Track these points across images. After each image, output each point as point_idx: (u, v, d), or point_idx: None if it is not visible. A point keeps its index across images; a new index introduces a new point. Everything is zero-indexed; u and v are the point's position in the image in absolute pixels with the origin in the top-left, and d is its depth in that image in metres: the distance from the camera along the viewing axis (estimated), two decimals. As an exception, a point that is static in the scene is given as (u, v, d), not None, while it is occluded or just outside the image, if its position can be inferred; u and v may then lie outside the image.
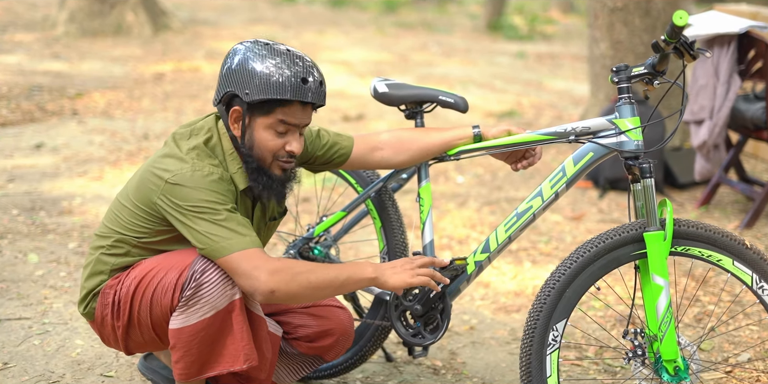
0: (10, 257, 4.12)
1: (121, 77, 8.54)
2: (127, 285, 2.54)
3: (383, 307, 3.06)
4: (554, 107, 8.27)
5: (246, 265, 2.40)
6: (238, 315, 2.50)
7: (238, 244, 2.42)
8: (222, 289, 2.46)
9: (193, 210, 2.41)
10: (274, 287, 2.40)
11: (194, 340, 2.49)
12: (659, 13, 5.74)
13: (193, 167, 2.44)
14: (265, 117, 2.48)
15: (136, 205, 2.51)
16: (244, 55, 2.48)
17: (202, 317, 2.46)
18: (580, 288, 2.58)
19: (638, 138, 2.61)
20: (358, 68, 9.66)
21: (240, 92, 2.46)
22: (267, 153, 2.52)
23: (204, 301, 2.45)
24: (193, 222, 2.42)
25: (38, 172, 5.44)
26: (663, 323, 2.51)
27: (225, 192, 2.46)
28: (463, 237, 4.69)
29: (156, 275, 2.50)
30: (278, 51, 2.49)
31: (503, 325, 3.71)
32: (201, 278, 2.44)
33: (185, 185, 2.41)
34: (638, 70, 2.62)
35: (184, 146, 2.50)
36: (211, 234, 2.41)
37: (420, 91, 2.96)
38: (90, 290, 2.62)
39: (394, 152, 2.85)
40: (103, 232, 2.62)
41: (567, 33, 14.96)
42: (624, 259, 2.60)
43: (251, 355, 2.53)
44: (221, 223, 2.42)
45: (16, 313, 3.55)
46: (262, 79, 2.44)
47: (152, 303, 2.51)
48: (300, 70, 2.46)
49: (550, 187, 2.72)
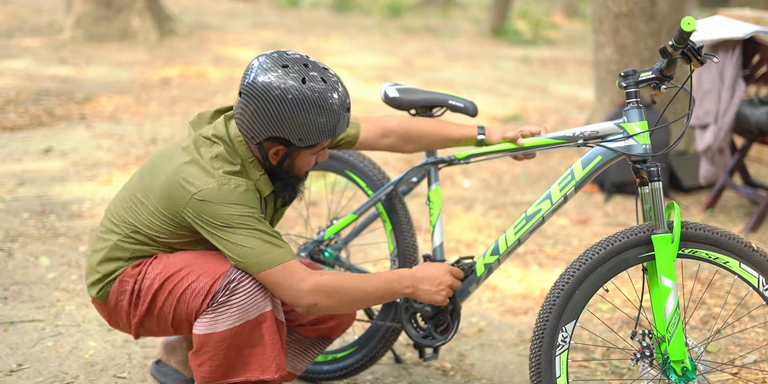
0: (21, 260, 4.15)
1: (127, 82, 8.58)
2: (150, 278, 2.56)
3: (393, 308, 3.09)
4: (559, 112, 8.30)
5: (289, 279, 2.46)
6: (270, 326, 2.53)
7: (277, 257, 2.45)
8: (254, 300, 2.49)
9: (226, 225, 2.43)
10: (317, 301, 2.48)
11: (221, 346, 2.52)
12: (664, 18, 5.77)
13: (219, 182, 2.43)
14: (311, 149, 2.53)
15: (159, 210, 2.52)
16: (282, 96, 2.39)
17: (231, 326, 2.49)
18: (588, 290, 2.61)
19: (646, 142, 2.64)
20: (363, 73, 9.70)
21: (292, 139, 2.44)
22: (303, 172, 2.61)
23: (234, 310, 2.48)
24: (227, 236, 2.44)
25: (48, 177, 5.47)
26: (671, 324, 2.53)
27: (254, 203, 2.48)
28: (470, 240, 4.73)
29: (186, 277, 2.51)
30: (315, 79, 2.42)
31: (511, 327, 3.74)
32: (235, 287, 2.47)
33: (213, 202, 2.42)
34: (646, 75, 2.64)
35: (207, 154, 2.49)
36: (248, 248, 2.43)
37: (430, 95, 3.00)
38: (106, 274, 2.63)
39: (400, 141, 2.90)
40: (118, 221, 2.62)
41: (571, 37, 15.00)
42: (632, 262, 2.62)
43: (282, 365, 2.57)
44: (256, 237, 2.44)
45: (29, 316, 3.58)
46: (317, 127, 2.43)
47: (179, 302, 2.53)
48: (341, 102, 2.47)
49: (559, 191, 2.76)
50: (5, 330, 3.45)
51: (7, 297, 3.75)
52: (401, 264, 3.11)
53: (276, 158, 2.53)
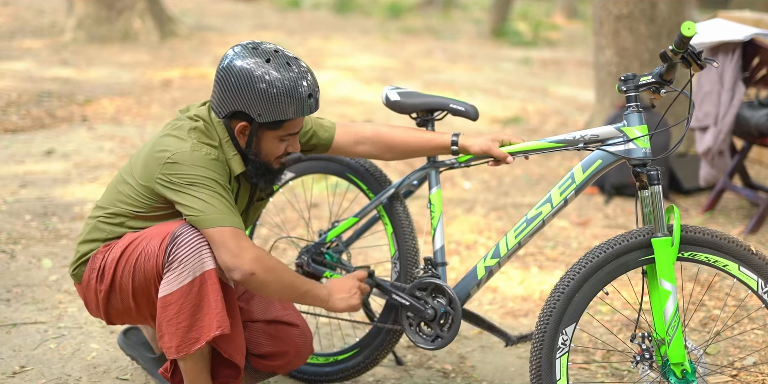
0: (24, 262, 4.17)
1: (129, 83, 8.60)
2: (114, 250, 2.65)
3: (394, 311, 3.11)
4: (559, 113, 8.32)
5: (234, 242, 2.52)
6: (214, 284, 2.56)
7: (229, 220, 2.53)
8: (199, 254, 2.53)
9: (189, 183, 2.53)
10: (256, 271, 2.53)
11: (173, 310, 2.55)
12: (664, 21, 5.79)
13: (192, 147, 2.56)
14: (274, 131, 2.63)
15: (138, 183, 2.62)
16: (247, 71, 2.54)
17: (181, 284, 2.53)
18: (589, 293, 2.62)
19: (646, 146, 2.65)
20: (364, 74, 9.71)
21: (251, 113, 2.57)
22: (272, 157, 2.69)
23: (183, 267, 2.52)
24: (189, 191, 2.53)
25: (49, 178, 5.49)
26: (671, 327, 2.55)
27: (221, 172, 2.59)
28: (470, 242, 4.74)
29: (140, 243, 2.60)
30: (283, 66, 2.56)
31: (511, 329, 3.75)
32: (180, 241, 2.53)
33: (183, 163, 2.53)
34: (646, 80, 2.66)
35: (186, 127, 2.62)
36: (205, 203, 2.52)
37: (431, 99, 3.01)
38: (83, 254, 2.73)
39: (375, 148, 2.97)
40: (103, 203, 2.74)
41: (571, 39, 15.00)
42: (632, 265, 2.63)
43: (224, 323, 2.58)
44: (216, 197, 2.53)
45: (31, 318, 3.60)
46: (272, 101, 2.55)
47: (135, 269, 2.60)
48: (306, 87, 2.58)
49: (559, 194, 2.77)
50: (8, 332, 3.46)
51: (9, 299, 3.76)
52: (402, 266, 3.12)
53: (243, 138, 2.64)
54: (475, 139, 2.88)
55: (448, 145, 2.90)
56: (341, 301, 2.79)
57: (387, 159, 3.04)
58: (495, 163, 2.89)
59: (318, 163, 3.28)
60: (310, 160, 3.28)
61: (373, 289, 3.02)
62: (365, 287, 2.88)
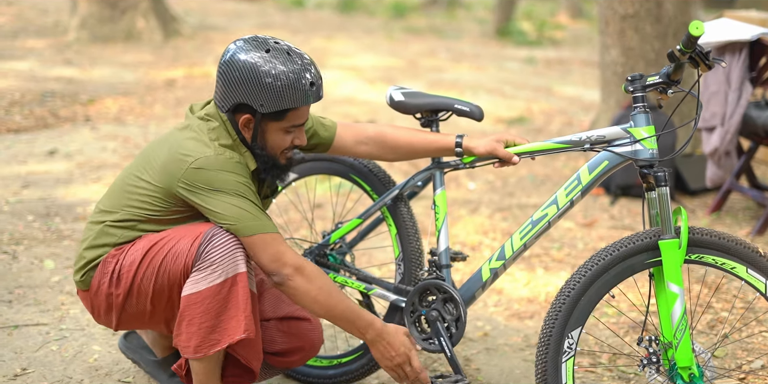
0: (26, 263, 4.15)
1: (132, 83, 8.58)
2: (131, 253, 2.59)
3: (398, 313, 3.08)
4: (564, 113, 8.29)
5: (273, 247, 2.52)
6: (244, 287, 2.54)
7: (269, 226, 2.53)
8: (233, 255, 2.51)
9: (219, 190, 2.49)
10: (293, 277, 2.53)
11: (198, 309, 2.52)
12: (670, 20, 5.75)
13: (216, 152, 2.52)
14: (277, 122, 2.60)
15: (155, 186, 2.58)
16: (248, 63, 2.52)
17: (211, 283, 2.50)
18: (595, 296, 2.60)
19: (653, 147, 2.63)
20: (368, 74, 9.69)
21: (253, 103, 2.54)
22: (278, 150, 2.65)
23: (215, 266, 2.50)
24: (221, 198, 2.49)
25: (52, 178, 5.47)
26: (678, 330, 2.52)
27: (246, 174, 2.56)
28: (475, 243, 4.71)
29: (167, 244, 2.56)
30: (283, 55, 2.54)
31: (517, 331, 3.72)
32: (215, 242, 2.50)
33: (209, 169, 2.49)
34: (653, 80, 2.64)
35: (204, 128, 2.58)
36: (239, 210, 2.49)
37: (435, 99, 2.99)
38: (91, 260, 2.66)
39: (377, 148, 2.94)
40: (108, 207, 2.67)
41: (576, 38, 14.97)
42: (639, 267, 2.61)
43: (251, 326, 2.55)
44: (247, 202, 2.51)
45: (33, 319, 3.57)
46: (276, 91, 2.52)
47: (159, 270, 2.56)
48: (308, 76, 2.55)
49: (565, 196, 2.75)
50: (9, 334, 3.44)
51: (11, 300, 3.74)
52: (406, 268, 3.09)
53: (248, 131, 2.61)
54: (480, 140, 2.86)
55: (452, 146, 2.88)
56: (377, 352, 2.70)
57: (389, 160, 3.01)
58: (500, 164, 2.87)
59: (321, 163, 3.25)
60: (313, 161, 3.25)
61: None
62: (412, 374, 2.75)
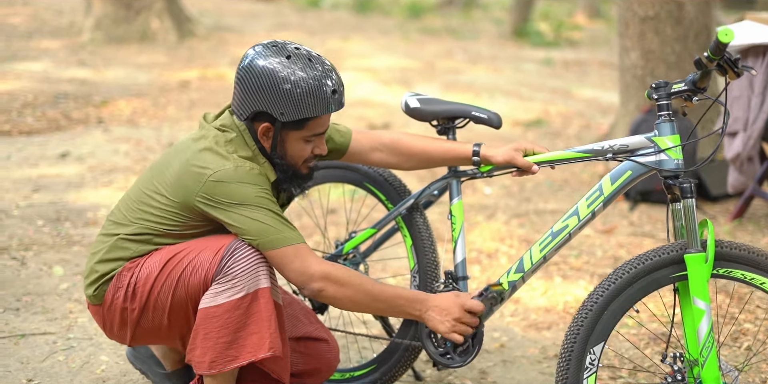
0: (35, 269, 4.09)
1: (146, 85, 8.52)
2: (148, 266, 2.53)
3: (413, 326, 2.99)
4: (582, 116, 8.18)
5: (300, 260, 2.45)
6: (267, 303, 2.47)
7: (293, 238, 2.46)
8: (256, 270, 2.45)
9: (241, 203, 2.43)
10: (324, 288, 2.46)
11: (216, 323, 2.45)
12: (691, 22, 5.64)
13: (235, 164, 2.45)
14: (298, 131, 2.53)
15: (171, 200, 2.51)
16: (267, 69, 2.46)
17: (231, 297, 2.44)
18: (618, 310, 2.52)
19: (678, 157, 2.55)
20: (384, 75, 9.60)
21: (273, 112, 2.47)
22: (299, 160, 2.58)
23: (237, 280, 2.43)
24: (242, 212, 2.43)
25: (63, 182, 5.41)
26: (705, 348, 2.43)
27: (267, 186, 2.50)
28: (492, 251, 4.62)
29: (187, 256, 2.49)
30: (303, 61, 2.48)
31: (534, 342, 3.63)
32: (238, 256, 2.44)
33: (229, 182, 2.43)
34: (678, 87, 2.55)
35: (221, 140, 2.51)
36: (264, 224, 2.43)
37: (452, 106, 2.91)
38: (104, 274, 2.59)
39: (392, 156, 2.87)
40: (121, 219, 2.60)
41: (593, 39, 14.85)
42: (663, 282, 2.53)
43: (276, 344, 2.48)
44: (271, 216, 2.45)
45: (40, 328, 3.51)
46: (297, 99, 2.45)
47: (178, 283, 2.49)
48: (329, 83, 2.49)
49: (586, 206, 2.66)
50: (16, 343, 3.38)
51: (19, 308, 3.68)
52: (422, 280, 3.02)
53: (267, 141, 2.54)
54: (498, 148, 2.78)
55: (470, 155, 2.80)
56: (432, 321, 2.61)
57: (404, 168, 2.94)
58: (519, 174, 2.79)
59: (335, 171, 3.18)
60: (326, 169, 3.18)
61: None
62: (473, 321, 2.65)
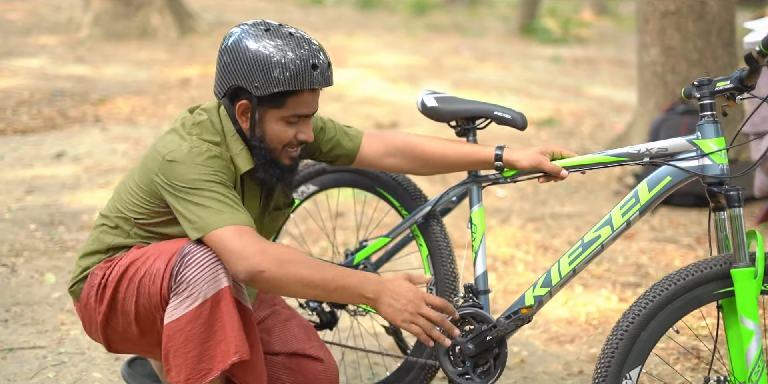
0: (26, 277, 3.88)
1: (145, 82, 8.32)
2: (117, 268, 2.38)
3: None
4: (595, 115, 7.96)
5: (236, 241, 2.22)
6: (228, 305, 2.26)
7: (229, 218, 2.25)
8: (209, 272, 2.25)
9: (191, 187, 2.28)
10: (265, 268, 2.20)
11: (180, 337, 2.26)
12: (714, 17, 5.41)
13: (191, 144, 2.33)
14: (277, 109, 2.36)
15: (138, 186, 2.40)
16: (245, 43, 2.33)
17: (189, 308, 2.25)
18: (656, 331, 2.30)
19: (723, 161, 2.33)
20: (390, 73, 9.38)
21: (248, 86, 2.32)
22: (279, 144, 2.41)
23: (192, 288, 2.24)
24: (189, 198, 2.28)
25: (58, 183, 5.20)
26: (754, 373, 2.22)
27: (221, 169, 2.34)
28: (507, 257, 4.39)
29: (145, 262, 2.33)
30: (282, 36, 2.34)
31: (556, 357, 3.41)
32: (188, 260, 2.25)
33: (182, 162, 2.30)
34: (723, 85, 2.34)
35: (188, 122, 2.41)
36: (206, 207, 2.26)
37: (473, 105, 2.68)
38: (84, 269, 2.48)
39: (406, 161, 2.66)
40: (106, 211, 2.51)
41: (601, 36, 14.65)
42: (706, 299, 2.31)
43: (242, 347, 2.28)
44: (217, 199, 2.27)
45: (30, 341, 3.32)
46: (270, 70, 2.30)
47: (139, 291, 2.33)
48: (307, 55, 2.32)
49: (621, 215, 2.44)
50: (3, 358, 3.19)
51: (7, 319, 3.48)
52: (439, 293, 2.80)
53: (245, 121, 2.39)
54: (522, 152, 2.57)
55: (492, 159, 2.59)
56: (387, 308, 2.30)
57: (420, 174, 2.73)
58: (546, 179, 2.57)
59: (344, 175, 2.97)
60: (335, 173, 2.98)
61: None
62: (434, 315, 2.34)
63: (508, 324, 2.50)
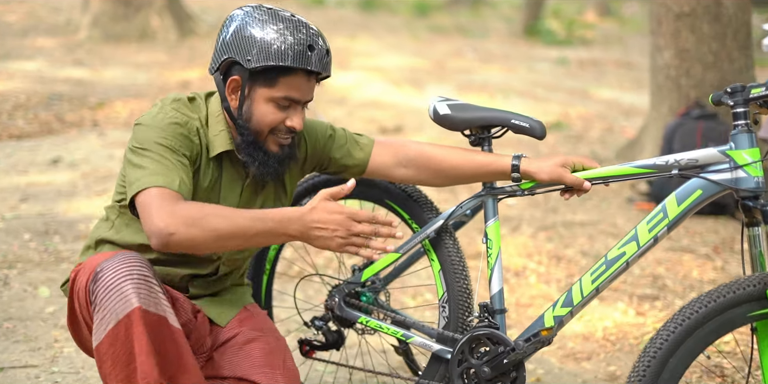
0: (18, 290, 3.74)
1: (144, 85, 8.19)
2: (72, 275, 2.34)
3: (442, 365, 2.61)
4: (603, 118, 7.81)
5: (153, 205, 2.15)
6: (138, 326, 2.12)
7: (161, 180, 2.19)
8: (116, 289, 2.12)
9: (139, 147, 2.25)
10: (173, 230, 2.11)
11: (107, 362, 2.15)
12: (730, 19, 5.27)
13: (160, 111, 2.31)
14: (268, 88, 2.31)
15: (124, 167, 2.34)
16: (243, 20, 2.32)
17: (106, 330, 2.13)
18: (687, 356, 2.15)
19: (758, 174, 2.20)
20: (394, 75, 9.25)
21: (240, 59, 2.28)
22: (265, 127, 2.34)
23: (103, 309, 2.12)
24: (132, 160, 2.24)
25: (54, 191, 5.06)
26: (794, 402, 2.06)
27: (177, 136, 2.28)
28: (519, 268, 4.24)
29: (80, 273, 2.26)
30: (282, 17, 2.33)
31: (573, 376, 3.26)
32: (99, 276, 2.14)
33: (144, 124, 2.29)
34: (758, 92, 2.22)
35: (170, 97, 2.39)
36: (141, 168, 2.21)
37: (488, 113, 2.54)
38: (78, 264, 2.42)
39: (419, 172, 2.55)
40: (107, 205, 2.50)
41: (606, 38, 14.52)
42: (740, 321, 2.17)
43: (149, 373, 2.13)
44: (159, 161, 2.22)
45: (21, 360, 3.18)
46: (265, 44, 2.27)
47: (79, 302, 2.27)
48: (305, 37, 2.30)
49: (648, 231, 2.31)
50: (-7, 378, 3.04)
51: (-1, 336, 3.33)
52: (452, 310, 2.65)
53: (235, 100, 2.34)
54: (541, 163, 2.44)
55: (508, 170, 2.46)
56: (318, 240, 2.18)
57: (433, 185, 2.61)
58: (568, 193, 2.42)
59: (351, 186, 2.80)
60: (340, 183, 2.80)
61: None
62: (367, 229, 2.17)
63: (527, 347, 2.37)
